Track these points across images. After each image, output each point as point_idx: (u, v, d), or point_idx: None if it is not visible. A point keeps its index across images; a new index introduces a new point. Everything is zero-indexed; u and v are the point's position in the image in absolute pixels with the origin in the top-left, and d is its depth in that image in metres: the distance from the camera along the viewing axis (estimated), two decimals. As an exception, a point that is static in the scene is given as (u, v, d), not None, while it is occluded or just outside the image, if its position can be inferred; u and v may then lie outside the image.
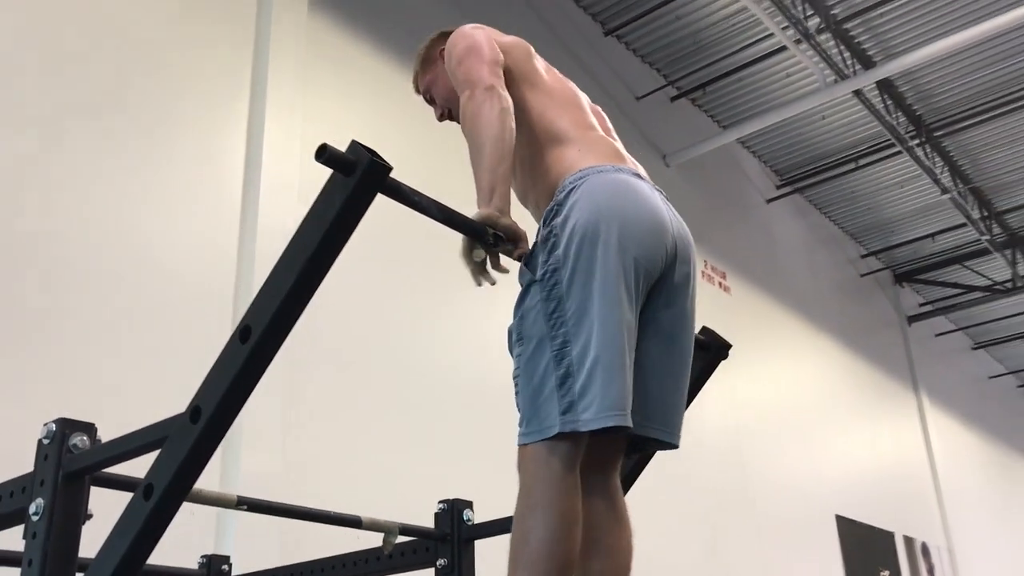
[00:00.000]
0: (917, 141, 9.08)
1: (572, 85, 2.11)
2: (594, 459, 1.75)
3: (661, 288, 1.80)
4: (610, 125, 2.09)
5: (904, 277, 12.23)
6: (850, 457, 9.79)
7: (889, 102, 8.69)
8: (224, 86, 4.75)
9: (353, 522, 2.16)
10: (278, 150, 4.81)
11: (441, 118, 2.30)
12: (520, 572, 1.59)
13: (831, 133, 9.30)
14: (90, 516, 1.68)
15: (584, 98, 2.09)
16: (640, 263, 1.71)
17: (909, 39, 7.97)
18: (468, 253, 1.66)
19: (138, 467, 1.81)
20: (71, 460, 1.62)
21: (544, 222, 1.76)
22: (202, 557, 2.85)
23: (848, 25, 7.87)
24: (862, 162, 9.65)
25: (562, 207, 1.74)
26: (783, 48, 7.76)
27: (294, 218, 4.75)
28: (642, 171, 1.91)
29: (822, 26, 7.60)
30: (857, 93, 8.28)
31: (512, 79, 1.96)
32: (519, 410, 1.71)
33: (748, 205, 9.38)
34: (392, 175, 1.38)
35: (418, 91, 2.32)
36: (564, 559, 1.59)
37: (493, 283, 1.71)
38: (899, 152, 9.10)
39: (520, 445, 1.68)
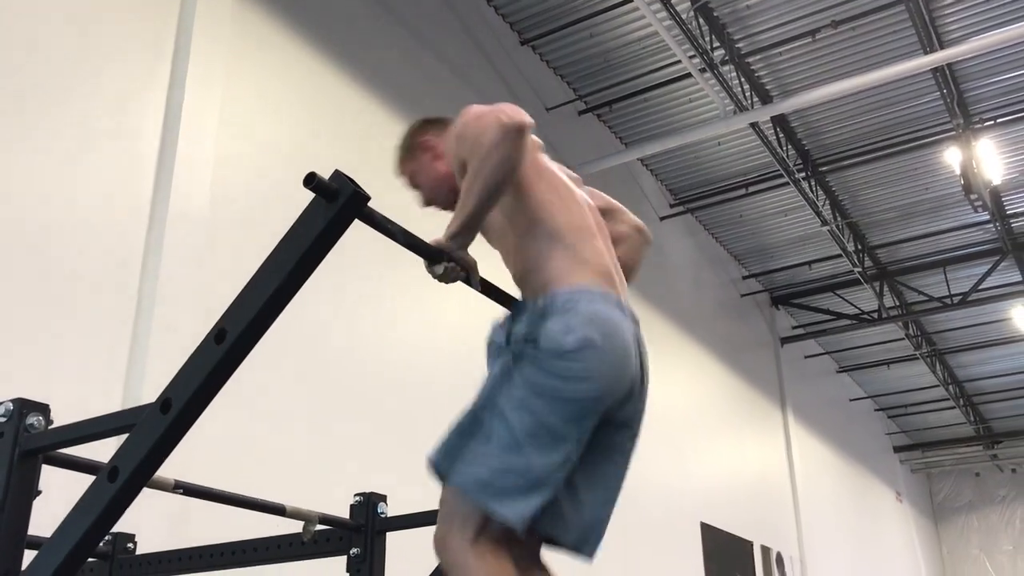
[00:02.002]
0: (803, 174, 9.61)
1: (570, 183, 2.16)
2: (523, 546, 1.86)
3: (615, 416, 1.92)
4: (601, 220, 2.16)
5: (780, 300, 12.87)
6: (718, 468, 10.28)
7: (781, 136, 9.17)
8: (145, 61, 4.73)
9: (277, 510, 2.29)
10: (195, 128, 4.82)
11: (425, 205, 2.30)
12: None
13: (725, 159, 9.75)
14: (39, 493, 1.76)
15: (582, 195, 2.15)
16: (603, 401, 1.84)
17: (804, 79, 8.46)
18: (429, 269, 1.83)
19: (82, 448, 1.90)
20: (27, 439, 1.70)
21: (532, 322, 1.85)
22: (108, 534, 2.91)
23: (751, 60, 8.29)
24: (751, 189, 10.14)
25: (548, 319, 1.84)
26: (688, 75, 8.10)
27: (207, 196, 4.78)
28: (623, 293, 2.03)
29: (726, 58, 7.98)
30: (753, 125, 8.71)
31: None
32: (447, 440, 1.82)
33: (643, 221, 9.71)
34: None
35: (400, 174, 2.33)
36: None
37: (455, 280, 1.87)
38: (786, 183, 9.60)
39: (446, 483, 1.80)
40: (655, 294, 9.44)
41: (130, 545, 2.90)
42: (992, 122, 9.04)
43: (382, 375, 5.60)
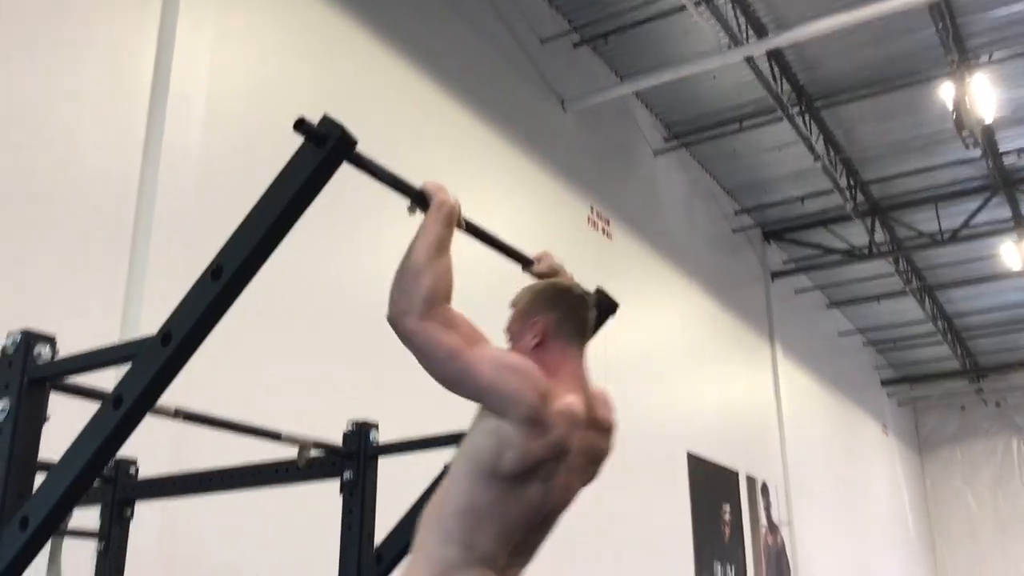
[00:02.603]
0: (798, 109, 9.60)
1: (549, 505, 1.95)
2: None
3: None
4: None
5: (772, 235, 12.94)
6: (706, 400, 10.48)
7: (776, 70, 9.15)
8: (137, -5, 4.73)
9: (274, 436, 2.40)
10: (188, 64, 4.83)
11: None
12: None
13: (720, 93, 9.72)
14: (47, 418, 1.86)
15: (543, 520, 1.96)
16: None
17: (800, 12, 8.39)
18: (411, 209, 1.90)
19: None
20: (36, 368, 1.80)
21: None
22: (112, 459, 3.03)
23: (746, -7, 8.23)
24: (746, 124, 10.14)
25: None
26: (683, 7, 8.05)
27: (200, 133, 4.82)
28: None
29: (722, -11, 7.93)
30: (748, 59, 8.67)
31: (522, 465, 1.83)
32: None
33: (637, 156, 9.77)
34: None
35: (511, 309, 2.16)
36: None
37: None
38: (780, 118, 9.60)
39: None
40: (648, 231, 9.51)
41: (132, 470, 3.02)
42: (987, 58, 9.02)
43: (376, 306, 5.69)
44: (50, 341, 1.85)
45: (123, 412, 1.62)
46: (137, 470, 3.04)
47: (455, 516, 1.83)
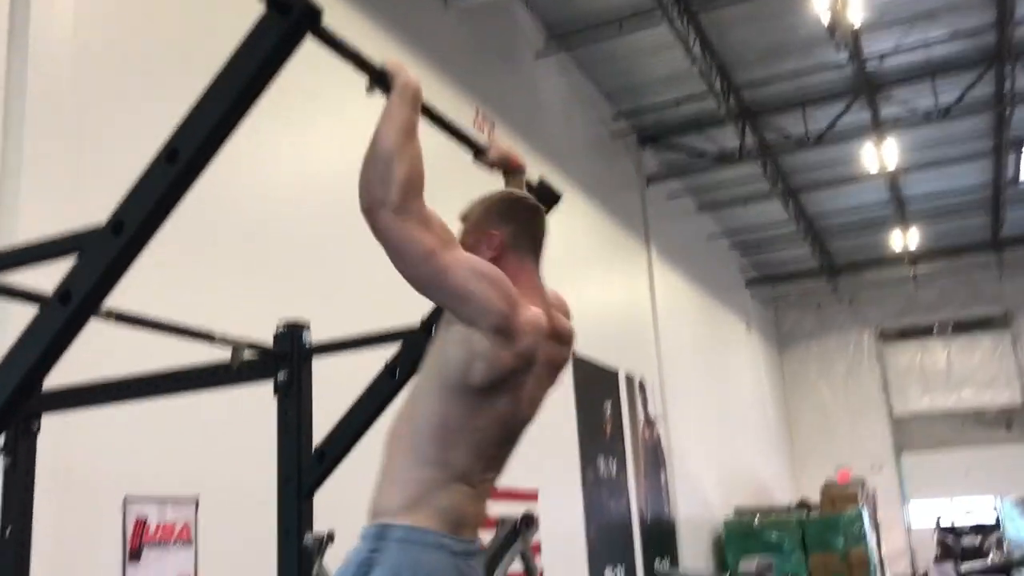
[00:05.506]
0: (676, 11, 9.63)
1: (520, 413, 1.96)
2: None
3: None
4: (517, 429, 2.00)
5: (647, 140, 13.10)
6: (586, 303, 10.67)
7: (657, -30, 9.12)
8: None
9: (207, 336, 2.29)
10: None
11: None
12: None
13: (600, -9, 9.66)
14: (-27, 321, 1.72)
15: (515, 429, 1.98)
16: None
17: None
18: (369, 91, 1.81)
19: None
20: (-41, 265, 1.65)
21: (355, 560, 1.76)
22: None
23: None
24: (625, 25, 10.11)
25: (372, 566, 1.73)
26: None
27: (69, 57, 4.42)
28: (473, 535, 1.87)
29: None
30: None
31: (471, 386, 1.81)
32: None
33: (518, 59, 9.65)
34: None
35: (461, 221, 2.06)
36: None
37: None
38: (659, 21, 9.62)
39: None
40: (530, 135, 9.48)
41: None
42: (857, -37, 9.25)
43: (304, 205, 5.53)
44: (-29, 237, 1.69)
45: (72, 309, 1.50)
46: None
47: (428, 435, 1.80)
